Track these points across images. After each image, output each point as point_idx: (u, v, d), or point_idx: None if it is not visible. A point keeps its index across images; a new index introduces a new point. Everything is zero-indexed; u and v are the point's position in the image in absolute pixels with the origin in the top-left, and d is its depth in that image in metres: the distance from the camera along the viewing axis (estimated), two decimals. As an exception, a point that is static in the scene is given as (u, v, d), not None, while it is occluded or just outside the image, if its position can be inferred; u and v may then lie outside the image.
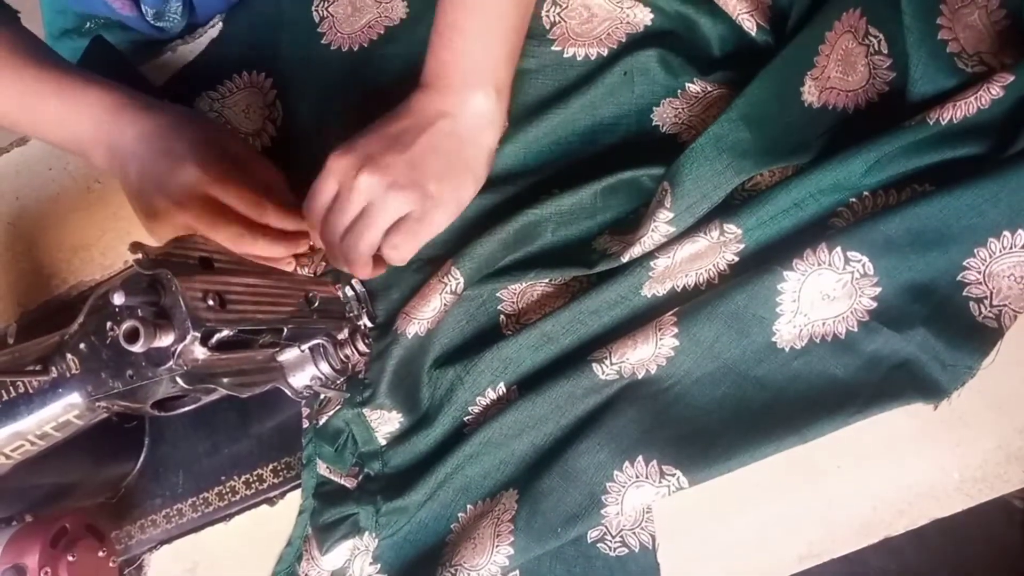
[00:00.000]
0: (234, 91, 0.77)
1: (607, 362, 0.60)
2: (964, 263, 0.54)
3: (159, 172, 0.63)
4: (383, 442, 0.67)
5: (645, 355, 0.60)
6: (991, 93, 0.52)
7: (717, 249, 0.60)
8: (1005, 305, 0.54)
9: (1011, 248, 0.53)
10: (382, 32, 0.73)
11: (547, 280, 0.65)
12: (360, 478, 0.67)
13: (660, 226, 0.59)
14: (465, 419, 0.65)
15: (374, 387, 0.66)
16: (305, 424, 0.70)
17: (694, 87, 0.63)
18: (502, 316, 0.66)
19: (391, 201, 0.61)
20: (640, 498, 0.59)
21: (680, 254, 0.60)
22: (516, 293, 0.66)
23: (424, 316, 0.65)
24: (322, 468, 0.68)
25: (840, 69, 0.59)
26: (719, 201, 0.59)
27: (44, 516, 0.68)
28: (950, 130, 0.53)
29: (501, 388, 0.64)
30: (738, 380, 0.59)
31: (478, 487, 0.64)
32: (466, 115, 0.62)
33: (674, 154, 0.60)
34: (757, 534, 0.60)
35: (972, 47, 0.55)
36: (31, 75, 0.66)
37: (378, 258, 0.64)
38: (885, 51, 0.57)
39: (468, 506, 0.64)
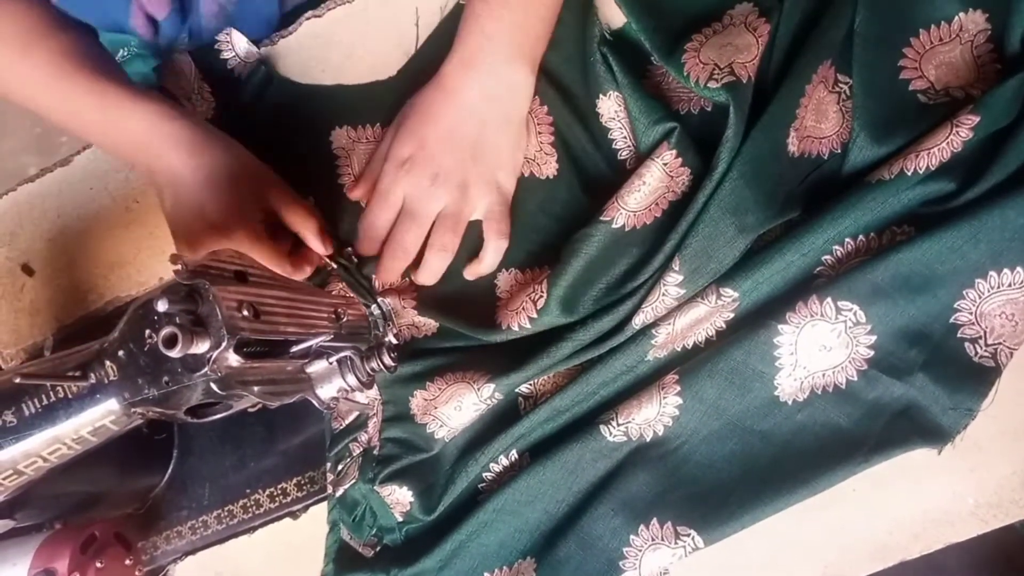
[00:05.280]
0: None
1: (614, 423, 0.61)
2: (955, 305, 0.56)
3: (195, 203, 0.65)
4: (399, 518, 0.68)
5: (650, 415, 0.61)
6: (961, 136, 0.54)
7: (715, 312, 0.61)
8: (1000, 343, 0.55)
9: (999, 287, 0.55)
10: None
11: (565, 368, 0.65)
12: (378, 548, 0.68)
13: (671, 289, 0.60)
14: (479, 486, 0.66)
15: (390, 469, 0.67)
16: (333, 425, 0.71)
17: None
18: (520, 399, 0.67)
19: (471, 202, 0.65)
20: (657, 561, 0.60)
21: (680, 322, 0.61)
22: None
23: (454, 425, 0.66)
24: (344, 533, 0.70)
25: (814, 118, 0.61)
26: (728, 263, 0.59)
27: (74, 523, 0.70)
28: (927, 175, 0.55)
29: (513, 455, 0.66)
30: (744, 436, 0.60)
31: (495, 555, 0.65)
32: (510, 92, 0.64)
33: None
34: (773, 556, 0.60)
35: (942, 82, 0.58)
36: (81, 86, 0.66)
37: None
38: None
39: (485, 574, 0.65)
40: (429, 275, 0.67)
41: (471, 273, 0.68)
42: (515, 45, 0.62)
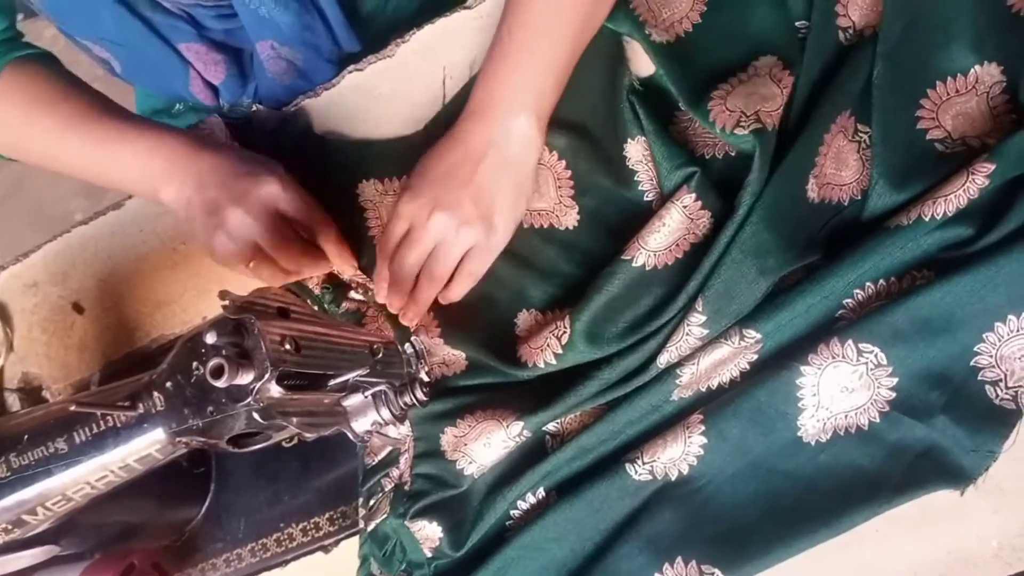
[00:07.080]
0: None
1: (639, 462, 0.62)
2: (975, 348, 0.56)
3: (239, 188, 0.69)
4: (429, 554, 0.69)
5: (675, 454, 0.62)
6: (977, 183, 0.55)
7: (738, 354, 0.62)
8: (1020, 386, 0.55)
9: (1018, 331, 0.55)
10: None
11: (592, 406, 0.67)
12: None
13: (694, 329, 0.62)
14: (507, 523, 0.68)
15: (420, 504, 0.68)
16: (366, 460, 0.73)
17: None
18: (547, 437, 0.69)
19: (462, 236, 0.66)
20: None
21: (704, 362, 0.63)
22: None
23: (483, 462, 0.67)
24: (374, 568, 0.71)
25: (834, 165, 0.63)
26: (750, 304, 0.61)
27: (114, 552, 0.72)
28: (945, 221, 0.56)
29: (540, 492, 0.67)
30: (768, 476, 0.61)
31: None
32: (512, 141, 0.66)
33: None
34: (796, 597, 0.61)
35: (959, 132, 0.60)
36: (88, 139, 0.73)
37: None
38: None
39: None
40: (416, 309, 0.70)
41: (443, 298, 0.71)
42: (520, 99, 0.66)
